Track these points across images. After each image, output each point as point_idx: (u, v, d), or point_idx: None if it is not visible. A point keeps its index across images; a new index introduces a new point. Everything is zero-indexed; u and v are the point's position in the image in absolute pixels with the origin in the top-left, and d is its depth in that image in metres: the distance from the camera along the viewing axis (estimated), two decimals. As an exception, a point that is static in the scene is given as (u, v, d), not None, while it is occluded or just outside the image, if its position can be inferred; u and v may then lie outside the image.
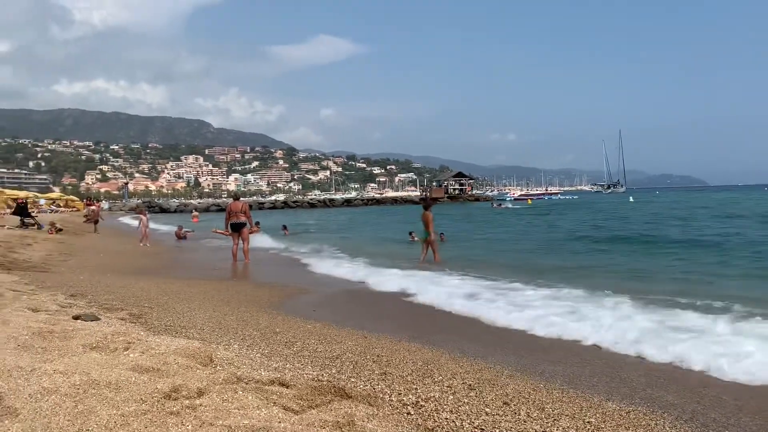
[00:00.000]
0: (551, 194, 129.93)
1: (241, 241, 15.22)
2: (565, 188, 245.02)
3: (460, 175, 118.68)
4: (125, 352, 3.69)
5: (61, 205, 60.62)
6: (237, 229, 15.24)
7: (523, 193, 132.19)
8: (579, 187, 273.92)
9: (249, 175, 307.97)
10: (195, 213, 50.93)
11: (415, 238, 22.41)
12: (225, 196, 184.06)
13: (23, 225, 22.40)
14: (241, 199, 16.31)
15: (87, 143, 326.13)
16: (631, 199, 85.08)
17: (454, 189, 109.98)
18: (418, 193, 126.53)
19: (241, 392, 3.10)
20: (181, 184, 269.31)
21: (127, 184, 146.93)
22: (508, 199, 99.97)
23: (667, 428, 3.71)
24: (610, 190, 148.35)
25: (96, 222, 27.49)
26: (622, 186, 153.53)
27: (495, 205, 70.52)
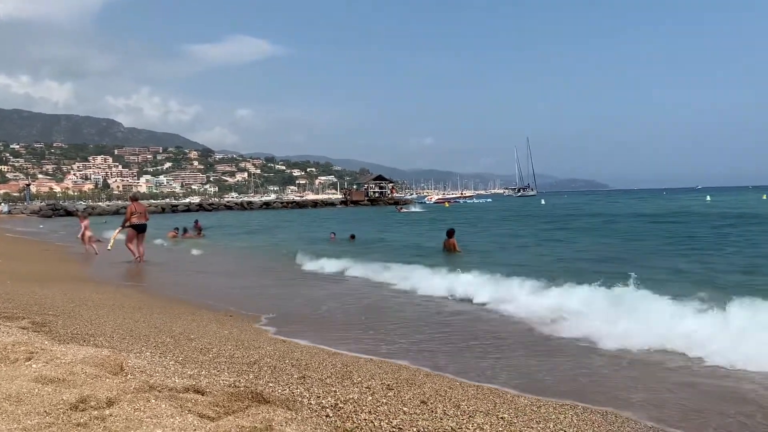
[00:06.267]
0: (466, 197, 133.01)
1: (140, 242, 15.55)
2: (480, 191, 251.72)
3: (380, 178, 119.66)
4: (27, 363, 3.50)
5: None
6: (143, 230, 15.57)
7: (440, 197, 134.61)
8: (493, 191, 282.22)
9: (161, 177, 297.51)
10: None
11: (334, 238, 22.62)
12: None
13: None
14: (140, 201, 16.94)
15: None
16: (542, 201, 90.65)
17: (374, 192, 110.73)
18: (339, 196, 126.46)
19: (153, 401, 3.01)
20: (88, 186, 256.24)
21: (29, 185, 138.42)
22: (424, 202, 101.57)
23: (574, 420, 3.91)
24: (520, 193, 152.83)
25: None
26: (532, 189, 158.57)
27: (398, 209, 69.96)
